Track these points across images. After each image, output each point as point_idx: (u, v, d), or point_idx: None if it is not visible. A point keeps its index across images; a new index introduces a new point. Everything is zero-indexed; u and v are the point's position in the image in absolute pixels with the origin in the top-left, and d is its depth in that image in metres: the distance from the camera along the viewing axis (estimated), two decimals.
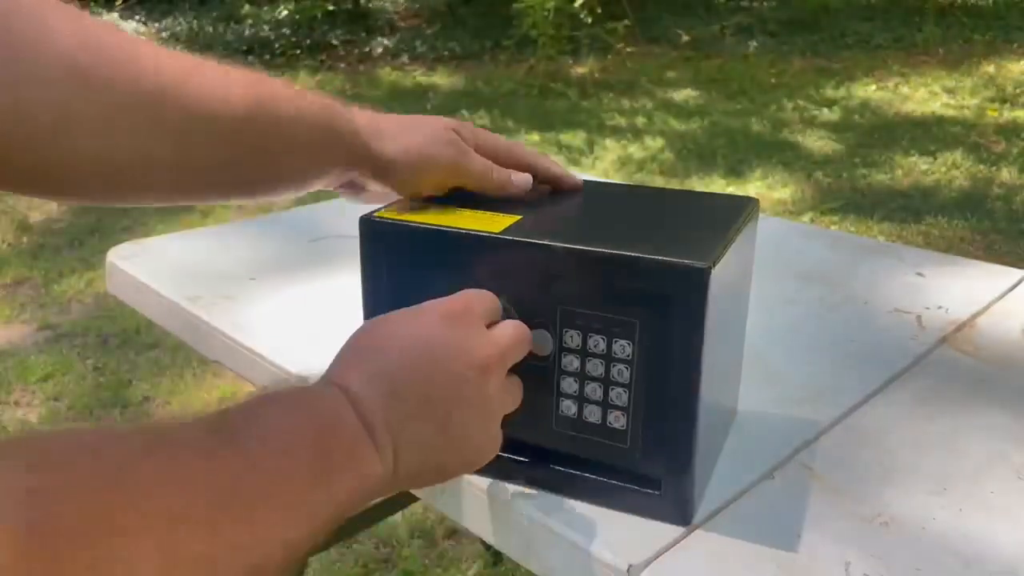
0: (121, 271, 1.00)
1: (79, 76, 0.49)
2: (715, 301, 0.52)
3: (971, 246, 2.98)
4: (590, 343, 0.55)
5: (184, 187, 0.57)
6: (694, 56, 6.17)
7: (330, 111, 0.60)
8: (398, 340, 0.49)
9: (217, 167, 0.57)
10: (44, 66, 0.48)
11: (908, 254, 1.05)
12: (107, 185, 0.54)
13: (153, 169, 0.54)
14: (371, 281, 0.60)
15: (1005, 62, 5.64)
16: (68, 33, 0.49)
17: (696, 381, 0.53)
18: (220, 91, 0.55)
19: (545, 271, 0.55)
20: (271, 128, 0.57)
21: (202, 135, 0.55)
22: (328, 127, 0.59)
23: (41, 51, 0.48)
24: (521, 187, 0.65)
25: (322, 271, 0.99)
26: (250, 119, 0.56)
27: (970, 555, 0.54)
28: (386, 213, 0.60)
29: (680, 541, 0.55)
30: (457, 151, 0.62)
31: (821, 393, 0.72)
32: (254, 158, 0.58)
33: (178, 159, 0.55)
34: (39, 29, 0.48)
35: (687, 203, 0.69)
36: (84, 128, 0.50)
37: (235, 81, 0.56)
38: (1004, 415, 0.70)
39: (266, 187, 0.61)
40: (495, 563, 1.56)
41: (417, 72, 6.09)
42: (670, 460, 0.55)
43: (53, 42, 0.48)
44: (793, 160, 3.90)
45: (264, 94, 0.57)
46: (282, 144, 0.58)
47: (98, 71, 0.50)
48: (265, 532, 0.39)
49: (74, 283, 2.81)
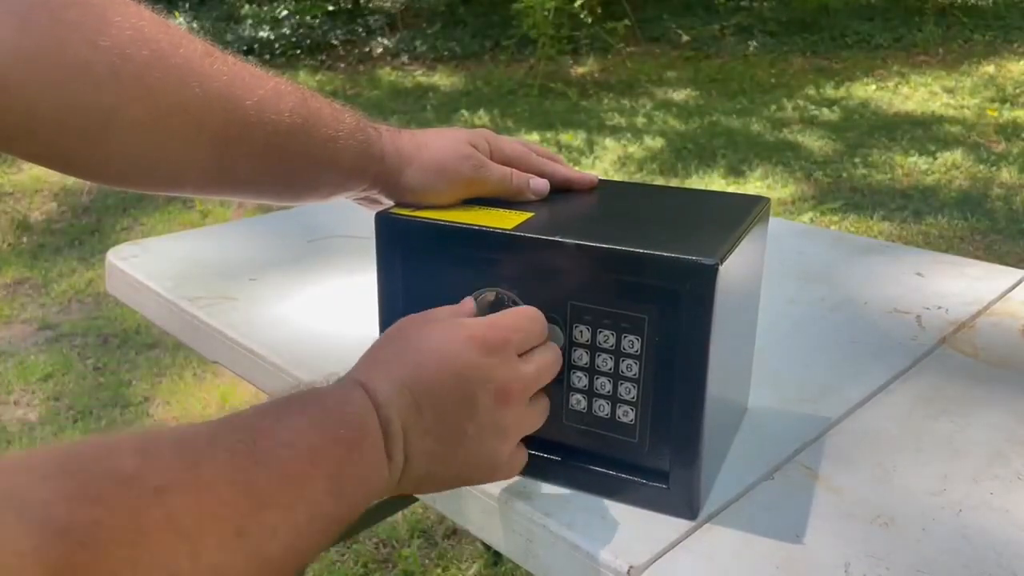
0: (121, 271, 1.00)
1: (130, 77, 0.50)
2: (723, 297, 0.53)
3: (971, 246, 2.98)
4: (600, 338, 0.56)
5: (218, 187, 0.59)
6: (694, 56, 6.17)
7: (364, 135, 0.61)
8: (431, 356, 0.50)
9: (252, 174, 0.59)
10: (96, 64, 0.48)
11: (908, 254, 1.05)
12: (145, 177, 0.56)
13: (192, 169, 0.56)
14: (386, 274, 0.62)
15: (1005, 62, 5.64)
16: (125, 27, 0.49)
17: (703, 376, 0.53)
18: (269, 105, 0.56)
19: (555, 267, 0.56)
20: (311, 148, 0.59)
21: (244, 145, 0.56)
22: (361, 152, 0.61)
23: (94, 48, 0.48)
24: (539, 193, 0.66)
25: (322, 271, 0.99)
26: (292, 136, 0.57)
27: (970, 556, 0.54)
28: (401, 210, 0.62)
29: (680, 542, 0.55)
30: (473, 165, 0.63)
31: (821, 393, 0.72)
32: (289, 172, 0.60)
33: (217, 163, 0.56)
34: (96, 23, 0.48)
35: (698, 201, 0.70)
36: (130, 130, 0.51)
37: (284, 96, 0.57)
38: (1004, 415, 0.70)
39: (294, 196, 0.63)
40: (495, 563, 1.56)
41: (417, 72, 6.09)
42: (677, 454, 0.56)
43: (109, 36, 0.48)
44: (793, 160, 3.90)
45: (310, 113, 0.58)
46: (317, 163, 0.60)
47: (150, 72, 0.50)
48: (287, 539, 0.40)
49: (74, 283, 2.81)
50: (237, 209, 3.25)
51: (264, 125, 0.56)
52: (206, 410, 2.14)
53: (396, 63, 6.34)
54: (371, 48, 6.60)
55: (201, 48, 0.54)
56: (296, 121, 0.57)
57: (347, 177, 0.61)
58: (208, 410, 2.14)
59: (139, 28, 0.50)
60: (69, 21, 0.47)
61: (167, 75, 0.51)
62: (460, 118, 4.77)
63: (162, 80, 0.51)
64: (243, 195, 0.62)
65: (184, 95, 0.52)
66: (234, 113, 0.54)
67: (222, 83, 0.54)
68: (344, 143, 0.60)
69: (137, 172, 0.55)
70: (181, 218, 3.34)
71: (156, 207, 3.44)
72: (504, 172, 0.64)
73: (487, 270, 0.58)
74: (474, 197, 0.64)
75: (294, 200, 0.64)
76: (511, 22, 5.81)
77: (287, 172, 0.60)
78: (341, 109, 0.61)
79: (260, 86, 0.56)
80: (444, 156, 0.62)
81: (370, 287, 0.63)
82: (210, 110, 0.53)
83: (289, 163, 0.59)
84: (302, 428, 0.43)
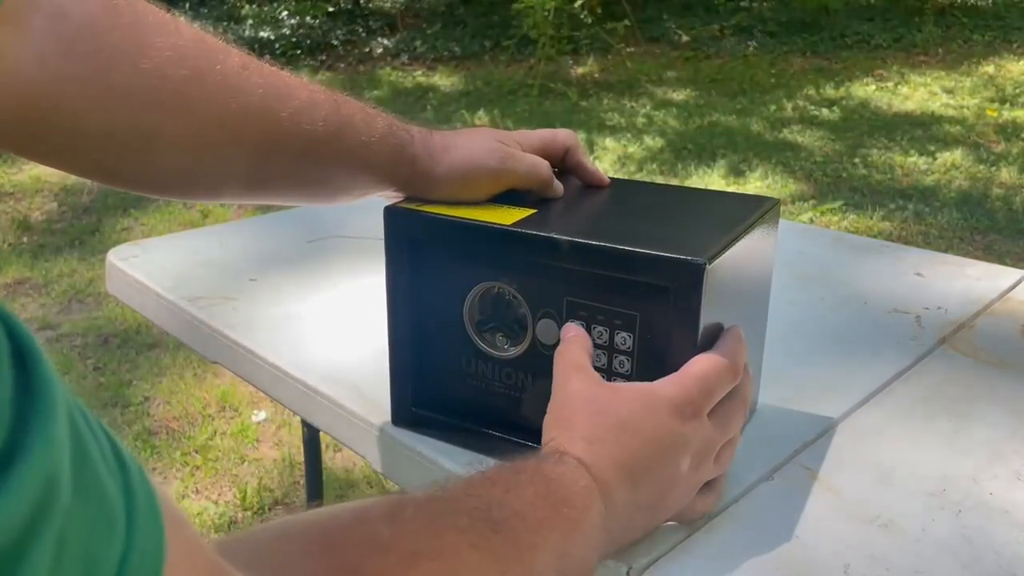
0: (121, 271, 1.00)
1: (170, 97, 0.52)
2: (713, 296, 0.53)
3: (971, 246, 2.98)
4: (594, 334, 0.57)
5: (253, 193, 0.62)
6: (694, 56, 6.17)
7: (396, 139, 0.62)
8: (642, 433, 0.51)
9: (287, 181, 0.61)
10: (138, 86, 0.51)
11: (908, 254, 1.05)
12: (187, 188, 0.60)
13: (229, 179, 0.59)
14: (393, 266, 0.63)
15: (1005, 62, 5.64)
16: (164, 48, 0.51)
17: None
18: (304, 116, 0.57)
19: (550, 263, 0.57)
20: (343, 155, 0.60)
21: (278, 156, 0.58)
22: (393, 156, 0.62)
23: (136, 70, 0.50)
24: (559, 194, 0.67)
25: (322, 271, 0.99)
26: (326, 144, 0.59)
27: (970, 557, 0.54)
28: (410, 203, 0.63)
29: (680, 543, 0.55)
30: (499, 158, 0.63)
31: (821, 394, 0.72)
32: (322, 178, 0.61)
33: (253, 173, 0.58)
34: (136, 46, 0.50)
35: (705, 201, 0.70)
36: (170, 145, 0.54)
37: (318, 105, 0.58)
38: (1004, 415, 0.70)
39: (326, 199, 0.66)
40: None
41: (417, 72, 6.09)
42: None
43: (150, 58, 0.51)
44: (793, 160, 3.90)
45: (343, 121, 0.59)
46: (349, 169, 0.61)
47: (188, 91, 0.52)
48: None
49: (74, 283, 2.81)
50: (237, 209, 3.25)
51: (299, 136, 0.57)
52: (206, 410, 2.14)
53: (396, 63, 6.34)
54: (371, 48, 6.60)
55: (238, 61, 0.55)
56: (330, 130, 0.58)
57: (379, 180, 0.63)
58: (208, 410, 2.14)
59: (178, 48, 0.52)
60: (113, 45, 0.50)
61: (205, 93, 0.53)
62: (460, 118, 4.77)
63: (200, 98, 0.53)
64: (277, 199, 0.65)
65: (221, 111, 0.54)
66: (270, 125, 0.56)
67: (258, 96, 0.55)
68: (376, 148, 0.61)
69: (179, 183, 0.58)
70: (181, 218, 3.34)
71: (156, 207, 3.44)
72: (532, 160, 0.65)
73: (487, 264, 0.59)
74: (507, 189, 0.64)
75: (326, 202, 0.67)
76: (511, 22, 5.81)
77: (320, 179, 0.61)
78: (373, 114, 0.62)
79: (295, 96, 0.57)
80: (471, 154, 0.63)
81: (370, 287, 0.63)
82: (246, 124, 0.55)
83: (322, 170, 0.60)
84: (531, 500, 0.45)
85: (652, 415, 0.51)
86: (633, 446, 0.51)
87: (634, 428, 0.51)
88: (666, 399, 0.52)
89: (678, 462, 0.51)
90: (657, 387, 0.53)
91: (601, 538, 0.49)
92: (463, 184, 0.63)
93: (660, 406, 0.52)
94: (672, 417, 0.51)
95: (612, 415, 0.52)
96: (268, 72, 0.57)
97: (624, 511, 0.50)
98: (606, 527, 0.49)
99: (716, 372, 0.53)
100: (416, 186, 0.63)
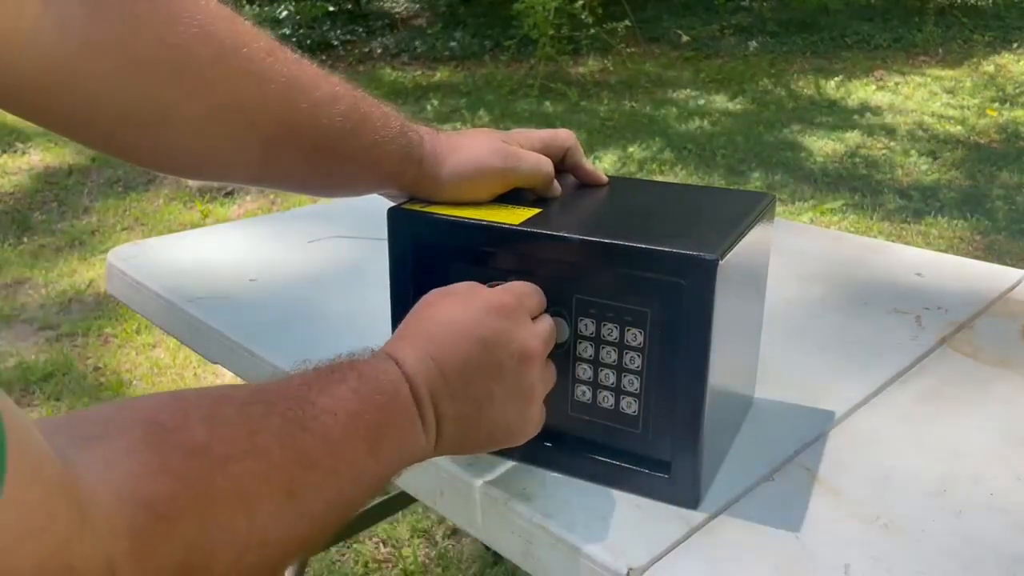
0: (121, 272, 1.00)
1: (192, 75, 0.51)
2: (724, 292, 0.54)
3: (971, 246, 2.98)
4: (604, 331, 0.57)
5: (260, 180, 0.61)
6: (694, 56, 6.17)
7: (406, 139, 0.62)
8: (453, 326, 0.53)
9: (295, 171, 0.60)
10: (161, 61, 0.50)
11: (908, 254, 1.05)
12: (197, 169, 0.59)
13: (240, 164, 0.58)
14: (397, 267, 0.63)
15: (1005, 62, 5.64)
16: (192, 24, 0.50)
17: (704, 369, 0.54)
18: (323, 109, 0.57)
19: (560, 261, 0.57)
20: (355, 152, 0.60)
21: (291, 146, 0.58)
22: (402, 156, 0.62)
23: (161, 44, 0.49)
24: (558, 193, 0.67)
25: (321, 272, 0.99)
26: (340, 139, 0.59)
27: (970, 557, 0.54)
28: (414, 204, 0.63)
29: (680, 543, 0.55)
30: (503, 157, 0.63)
31: (820, 394, 0.72)
32: (331, 172, 0.61)
33: (264, 161, 0.58)
34: (163, 18, 0.49)
35: (703, 197, 0.71)
36: (186, 125, 0.53)
37: (339, 99, 0.58)
38: (1004, 415, 0.70)
39: (331, 193, 0.66)
40: (495, 563, 1.56)
41: (417, 72, 6.09)
42: (678, 445, 0.57)
43: (176, 33, 0.49)
44: (793, 160, 3.90)
45: (361, 118, 0.59)
46: (359, 166, 0.61)
47: (211, 71, 0.52)
48: (333, 497, 0.44)
49: (74, 283, 2.80)
50: (237, 209, 3.25)
51: (315, 128, 0.57)
52: None
53: (396, 63, 6.34)
54: (371, 48, 6.59)
55: (265, 46, 0.55)
56: (346, 125, 0.58)
57: (386, 178, 0.63)
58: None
59: (205, 25, 0.51)
60: (138, 15, 0.48)
61: (228, 74, 0.52)
62: (460, 118, 4.77)
63: (222, 80, 0.52)
64: (283, 188, 0.65)
65: (242, 95, 0.54)
66: (287, 115, 0.56)
67: (280, 84, 0.55)
68: (387, 148, 0.61)
69: (189, 164, 0.57)
70: (181, 218, 3.34)
71: (156, 207, 3.44)
72: (536, 159, 0.65)
73: (495, 264, 0.60)
74: (511, 189, 0.64)
75: (330, 195, 0.67)
76: (511, 22, 5.80)
77: (329, 172, 0.61)
78: (389, 113, 0.62)
79: (317, 88, 0.57)
80: (475, 155, 0.63)
81: (370, 287, 0.63)
82: (264, 111, 0.55)
83: (332, 164, 0.60)
84: (343, 396, 0.46)
85: (467, 312, 0.53)
86: (441, 338, 0.52)
87: (444, 322, 0.53)
88: (484, 297, 0.54)
89: (498, 358, 0.52)
90: (480, 290, 0.55)
91: (415, 423, 0.49)
92: (469, 185, 0.63)
93: (477, 304, 0.54)
94: (489, 314, 0.53)
95: (426, 314, 0.54)
96: (292, 61, 0.56)
97: (443, 403, 0.51)
98: (422, 414, 0.50)
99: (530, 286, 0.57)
100: (421, 187, 0.63)
